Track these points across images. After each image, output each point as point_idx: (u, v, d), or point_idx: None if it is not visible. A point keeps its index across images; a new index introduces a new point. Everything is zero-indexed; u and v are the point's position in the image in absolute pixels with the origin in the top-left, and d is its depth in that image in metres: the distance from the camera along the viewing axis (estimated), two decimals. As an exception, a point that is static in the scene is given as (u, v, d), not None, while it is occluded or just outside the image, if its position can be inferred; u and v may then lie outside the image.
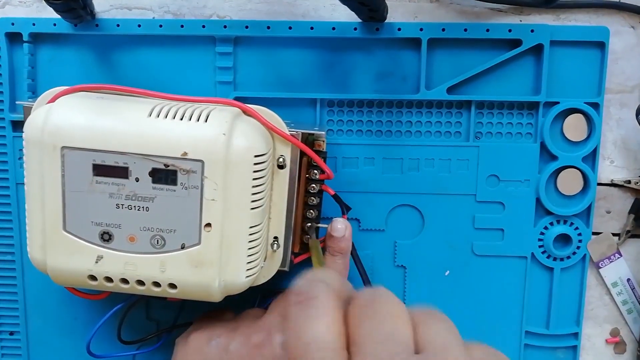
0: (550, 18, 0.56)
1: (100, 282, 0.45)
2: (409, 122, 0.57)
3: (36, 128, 0.43)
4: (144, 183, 0.43)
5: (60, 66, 0.57)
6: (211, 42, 0.56)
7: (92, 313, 0.59)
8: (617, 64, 0.56)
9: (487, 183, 0.57)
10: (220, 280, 0.45)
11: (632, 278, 0.59)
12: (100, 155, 0.43)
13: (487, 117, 0.56)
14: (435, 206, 0.57)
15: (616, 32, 0.56)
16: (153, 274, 0.45)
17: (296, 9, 0.56)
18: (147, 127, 0.43)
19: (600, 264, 0.58)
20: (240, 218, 0.44)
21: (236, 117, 0.45)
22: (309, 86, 0.56)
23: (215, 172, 0.43)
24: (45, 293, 0.59)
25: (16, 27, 0.55)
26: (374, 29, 0.55)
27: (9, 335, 0.60)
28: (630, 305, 0.59)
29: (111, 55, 0.57)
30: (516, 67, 0.56)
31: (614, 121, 0.57)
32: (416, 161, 0.57)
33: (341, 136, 0.57)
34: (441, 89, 0.55)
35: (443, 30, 0.54)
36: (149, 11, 0.57)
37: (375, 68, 0.56)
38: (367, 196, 0.57)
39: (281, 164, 0.48)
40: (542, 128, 0.56)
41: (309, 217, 0.52)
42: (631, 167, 0.58)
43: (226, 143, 0.43)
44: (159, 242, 0.44)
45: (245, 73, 0.56)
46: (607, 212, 0.58)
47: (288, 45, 0.56)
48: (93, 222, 0.44)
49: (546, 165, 0.57)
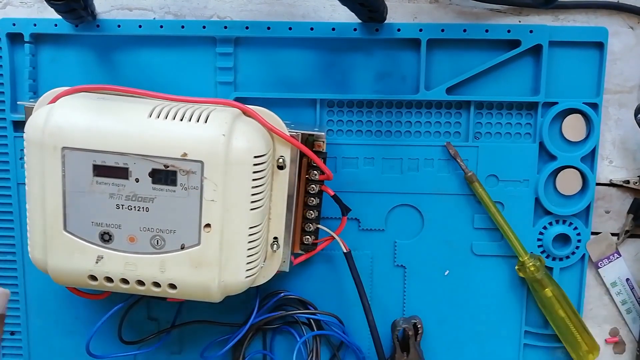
0: (549, 19, 0.56)
1: (100, 282, 0.46)
2: (408, 122, 0.57)
3: (37, 128, 0.44)
4: (144, 183, 0.44)
5: (61, 67, 0.57)
6: (212, 43, 0.56)
7: (93, 313, 0.59)
8: (615, 65, 0.56)
9: (486, 183, 0.57)
10: (220, 281, 0.45)
11: (631, 278, 0.59)
12: (101, 155, 0.43)
13: (487, 117, 0.56)
14: (434, 206, 0.58)
15: (615, 32, 0.56)
16: (153, 274, 0.45)
17: (296, 9, 0.56)
18: (147, 127, 0.43)
19: (599, 263, 0.59)
20: (240, 218, 0.45)
21: (236, 117, 0.45)
22: (309, 86, 0.57)
23: (215, 172, 0.43)
24: (46, 293, 0.59)
25: (17, 27, 0.56)
26: (374, 30, 0.55)
27: (10, 335, 0.60)
28: (630, 305, 0.59)
29: (112, 55, 0.57)
30: (515, 68, 0.56)
31: (612, 121, 0.57)
32: (416, 161, 0.57)
33: (341, 136, 0.57)
34: (440, 90, 0.55)
35: (442, 31, 0.55)
36: (150, 12, 0.57)
37: (375, 68, 0.56)
38: (366, 196, 0.57)
39: (281, 164, 0.48)
40: (541, 128, 0.56)
41: (309, 218, 0.53)
42: (630, 167, 0.58)
43: (226, 144, 0.43)
44: (159, 242, 0.44)
45: (246, 73, 0.57)
46: (606, 212, 0.58)
47: (288, 46, 0.56)
48: (93, 222, 0.44)
49: (545, 165, 0.57)
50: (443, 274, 0.59)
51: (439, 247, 0.58)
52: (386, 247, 0.58)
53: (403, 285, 0.59)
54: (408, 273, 0.59)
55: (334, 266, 0.58)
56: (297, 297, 0.58)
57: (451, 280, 0.59)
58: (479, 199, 0.56)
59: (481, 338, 0.59)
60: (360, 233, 0.58)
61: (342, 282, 0.59)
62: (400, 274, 0.59)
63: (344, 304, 0.59)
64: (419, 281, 0.59)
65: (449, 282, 0.59)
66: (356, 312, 0.59)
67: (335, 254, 0.58)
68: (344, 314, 0.59)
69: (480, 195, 0.56)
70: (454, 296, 0.59)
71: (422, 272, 0.59)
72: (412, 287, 0.59)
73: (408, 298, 0.59)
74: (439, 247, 0.58)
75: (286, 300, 0.58)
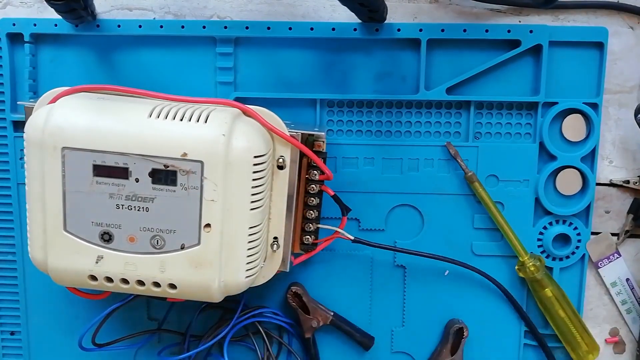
0: (549, 19, 0.56)
1: (100, 282, 0.46)
2: (408, 122, 0.57)
3: (37, 128, 0.44)
4: (144, 183, 0.44)
5: (61, 67, 0.57)
6: (212, 43, 0.56)
7: (93, 313, 0.59)
8: (615, 65, 0.56)
9: (486, 183, 0.57)
10: (220, 281, 0.45)
11: (631, 278, 0.59)
12: (101, 155, 0.43)
13: (487, 117, 0.57)
14: (435, 206, 0.58)
15: (615, 32, 0.56)
16: (153, 274, 0.45)
17: (296, 9, 0.56)
18: (147, 127, 0.43)
19: (599, 263, 0.59)
20: (240, 218, 0.45)
21: (236, 117, 0.45)
22: (309, 87, 0.57)
23: (215, 172, 0.43)
24: (46, 293, 0.59)
25: (17, 27, 0.56)
26: (374, 30, 0.55)
27: (10, 335, 0.60)
28: (630, 305, 0.59)
29: (112, 55, 0.57)
30: (515, 68, 0.56)
31: (612, 121, 0.57)
32: (416, 161, 0.57)
33: (341, 136, 0.57)
34: (440, 90, 0.55)
35: (442, 31, 0.55)
36: (150, 12, 0.57)
37: (375, 68, 0.56)
38: (367, 196, 0.57)
39: (281, 164, 0.48)
40: (541, 128, 0.56)
41: (309, 218, 0.53)
42: (630, 167, 0.58)
43: (226, 144, 0.43)
44: (159, 242, 0.44)
45: (246, 73, 0.57)
46: (606, 212, 0.58)
47: (288, 46, 0.56)
48: (93, 222, 0.44)
49: (545, 165, 0.57)
50: (443, 274, 0.59)
51: (439, 247, 0.58)
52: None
53: (403, 285, 0.59)
54: (408, 273, 0.59)
55: (334, 266, 0.58)
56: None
57: (451, 280, 0.59)
58: (479, 199, 0.56)
59: (481, 338, 0.59)
60: (360, 233, 0.58)
61: (342, 283, 0.59)
62: (400, 274, 0.59)
63: (344, 304, 0.59)
64: (419, 281, 0.59)
65: (449, 282, 0.59)
66: (356, 312, 0.59)
67: (336, 254, 0.58)
68: (345, 313, 0.59)
69: (480, 195, 0.56)
70: (454, 296, 0.59)
71: (423, 272, 0.59)
72: (412, 287, 0.59)
73: (408, 298, 0.59)
74: (439, 247, 0.58)
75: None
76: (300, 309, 0.57)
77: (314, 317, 0.57)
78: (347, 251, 0.58)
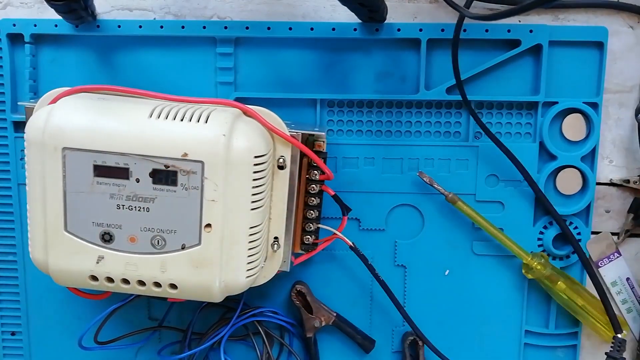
0: (549, 18, 0.56)
1: (101, 282, 0.46)
2: (408, 122, 0.57)
3: (37, 129, 0.44)
4: (144, 184, 0.44)
5: (62, 67, 0.57)
6: (212, 43, 0.56)
7: (94, 313, 0.59)
8: (615, 64, 0.56)
9: (486, 183, 0.57)
10: (220, 281, 0.45)
11: (632, 277, 0.59)
12: (101, 156, 0.43)
13: (487, 117, 0.57)
14: (435, 206, 0.58)
15: (615, 32, 0.56)
16: (154, 274, 0.45)
17: (296, 9, 0.56)
18: (147, 128, 0.43)
19: (599, 263, 0.59)
20: (241, 218, 0.45)
21: (236, 118, 0.45)
22: (309, 86, 0.57)
23: (216, 172, 0.43)
24: (46, 293, 0.59)
25: (18, 28, 0.56)
26: (374, 30, 0.55)
27: (11, 336, 0.60)
28: (630, 305, 0.59)
29: (112, 56, 0.57)
30: (515, 68, 0.56)
31: (612, 121, 0.57)
32: (416, 161, 0.57)
33: (341, 136, 0.57)
34: (440, 89, 0.55)
35: (442, 31, 0.55)
36: (150, 12, 0.57)
37: (375, 68, 0.56)
38: (367, 196, 0.57)
39: (281, 164, 0.48)
40: (541, 128, 0.56)
41: (309, 218, 0.53)
42: (630, 166, 0.58)
43: (226, 144, 0.43)
44: (160, 242, 0.45)
45: (246, 74, 0.57)
46: (606, 211, 0.58)
47: (288, 46, 0.56)
48: (94, 222, 0.44)
49: (545, 164, 0.57)
50: (443, 273, 0.59)
51: (439, 246, 0.58)
52: (386, 247, 0.58)
53: (403, 285, 0.59)
54: (408, 273, 0.59)
55: (334, 266, 0.59)
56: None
57: (451, 280, 0.59)
58: (468, 217, 0.56)
59: (481, 338, 0.59)
60: (360, 233, 0.58)
61: (343, 282, 0.59)
62: (400, 273, 0.59)
63: (345, 303, 0.59)
64: (420, 281, 0.59)
65: (449, 282, 0.59)
66: (357, 312, 0.59)
67: (336, 254, 0.58)
68: (345, 313, 0.59)
69: (467, 213, 0.56)
70: (454, 296, 0.59)
71: (423, 272, 0.59)
72: (412, 286, 0.59)
73: (408, 298, 0.59)
74: (439, 246, 0.58)
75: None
76: (304, 308, 0.57)
77: (316, 317, 0.57)
78: (347, 251, 0.58)
